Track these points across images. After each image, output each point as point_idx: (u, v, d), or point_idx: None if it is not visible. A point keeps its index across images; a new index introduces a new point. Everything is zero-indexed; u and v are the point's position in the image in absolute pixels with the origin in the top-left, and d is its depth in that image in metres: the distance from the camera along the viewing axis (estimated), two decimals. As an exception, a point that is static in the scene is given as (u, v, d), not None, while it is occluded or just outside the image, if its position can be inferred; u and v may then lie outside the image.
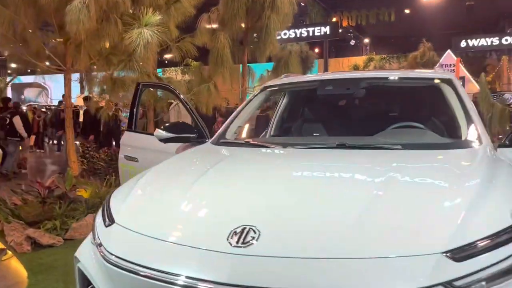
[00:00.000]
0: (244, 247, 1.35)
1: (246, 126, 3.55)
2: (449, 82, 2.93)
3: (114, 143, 8.33)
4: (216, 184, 1.95)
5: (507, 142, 2.57)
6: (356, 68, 21.00)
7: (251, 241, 1.37)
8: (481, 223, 1.44)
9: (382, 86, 3.22)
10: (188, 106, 3.65)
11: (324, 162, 2.30)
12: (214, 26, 6.80)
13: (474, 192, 1.66)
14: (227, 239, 1.39)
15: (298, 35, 14.83)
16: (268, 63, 10.17)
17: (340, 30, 16.38)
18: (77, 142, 7.31)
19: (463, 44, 16.29)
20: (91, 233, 1.88)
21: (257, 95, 3.34)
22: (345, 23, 16.98)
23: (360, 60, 22.40)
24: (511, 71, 19.96)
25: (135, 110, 3.82)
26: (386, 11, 16.74)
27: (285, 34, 14.11)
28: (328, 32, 14.24)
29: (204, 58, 6.91)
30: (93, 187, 4.89)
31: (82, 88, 10.57)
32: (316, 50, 19.00)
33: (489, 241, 1.35)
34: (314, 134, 3.22)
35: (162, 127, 3.22)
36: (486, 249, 1.33)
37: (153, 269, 1.40)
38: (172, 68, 20.03)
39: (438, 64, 15.89)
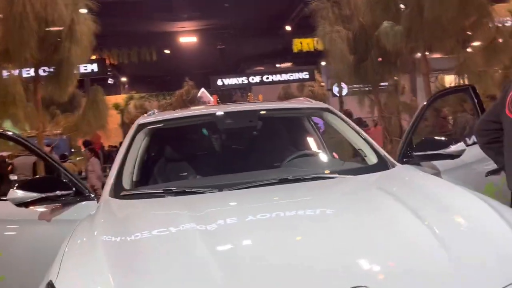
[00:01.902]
0: None
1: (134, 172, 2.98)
2: (329, 110, 3.21)
3: None
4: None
5: (404, 160, 3.01)
6: (117, 107, 20.54)
7: None
8: None
9: (264, 118, 3.24)
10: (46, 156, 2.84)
11: (294, 199, 2.19)
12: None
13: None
14: None
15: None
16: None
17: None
18: None
19: (219, 82, 18.14)
20: None
21: (135, 135, 2.87)
22: (108, 61, 16.46)
23: (120, 98, 22.03)
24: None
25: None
26: (147, 50, 17.09)
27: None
28: (95, 70, 13.48)
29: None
30: None
31: None
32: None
33: None
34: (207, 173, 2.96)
35: (16, 186, 2.45)
36: None
37: None
38: None
39: (200, 101, 17.17)
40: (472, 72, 5.19)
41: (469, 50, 5.43)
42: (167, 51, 17.53)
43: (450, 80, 7.67)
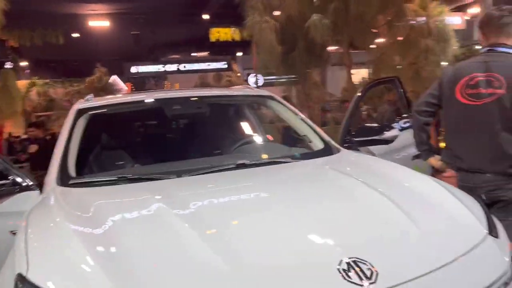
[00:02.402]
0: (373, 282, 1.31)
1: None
2: (272, 98, 3.31)
3: None
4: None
5: (345, 145, 3.19)
6: (17, 93, 18.81)
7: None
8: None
9: (212, 105, 3.25)
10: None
11: (258, 183, 2.26)
12: None
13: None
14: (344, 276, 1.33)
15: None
16: None
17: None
18: None
19: (133, 69, 17.43)
20: None
21: (75, 120, 2.74)
22: (11, 43, 14.87)
23: (20, 84, 20.14)
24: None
25: None
26: (53, 33, 15.78)
27: None
28: (-6, 52, 12.16)
29: None
30: None
31: None
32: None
33: None
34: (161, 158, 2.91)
35: None
36: None
37: None
38: None
39: (114, 88, 16.37)
40: (387, 65, 5.64)
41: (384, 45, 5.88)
42: (76, 35, 16.38)
43: (363, 73, 8.23)
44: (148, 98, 3.12)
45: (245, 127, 3.74)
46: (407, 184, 2.10)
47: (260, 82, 18.94)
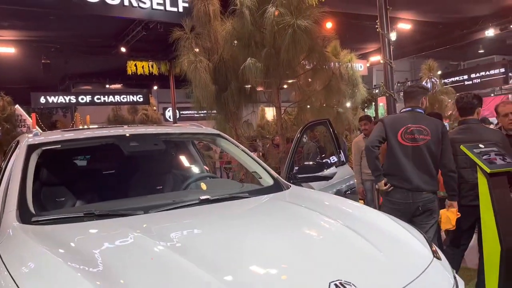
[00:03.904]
0: None
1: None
2: (220, 135, 3.53)
3: None
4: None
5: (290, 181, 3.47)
6: None
7: None
8: None
9: (166, 142, 3.37)
10: None
11: (226, 217, 2.40)
12: None
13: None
14: None
15: None
16: None
17: None
18: None
19: (42, 99, 16.41)
20: None
21: (28, 156, 2.71)
22: None
23: None
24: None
25: None
26: None
27: None
28: None
29: None
30: None
31: None
32: None
33: None
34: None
35: None
36: None
37: None
38: None
39: (20, 120, 15.29)
40: (312, 107, 6.17)
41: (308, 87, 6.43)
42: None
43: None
44: (105, 134, 3.13)
45: (194, 163, 3.87)
46: (359, 215, 2.41)
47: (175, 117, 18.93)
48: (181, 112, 21.99)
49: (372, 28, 7.98)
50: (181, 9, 9.57)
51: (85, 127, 14.43)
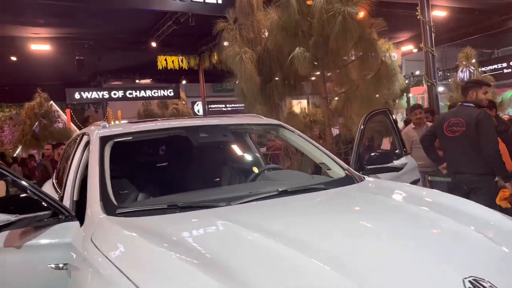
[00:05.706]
0: None
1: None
2: (282, 126, 3.42)
3: None
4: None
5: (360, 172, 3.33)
6: None
7: None
8: None
9: (233, 133, 3.29)
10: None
11: (315, 208, 2.29)
12: None
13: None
14: None
15: None
16: None
17: None
18: None
19: (77, 95, 16.68)
20: None
21: (102, 148, 2.66)
22: None
23: None
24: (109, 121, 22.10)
25: None
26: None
27: None
28: None
29: None
30: None
31: None
32: None
33: None
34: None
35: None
36: None
37: None
38: None
39: (58, 116, 15.60)
40: (362, 96, 5.99)
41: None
42: (13, 58, 15.43)
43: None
44: (174, 125, 3.07)
45: (255, 153, 3.80)
46: (458, 207, 2.25)
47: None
48: (209, 106, 22.03)
49: (404, 16, 7.71)
50: (220, 1, 9.48)
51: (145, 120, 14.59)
